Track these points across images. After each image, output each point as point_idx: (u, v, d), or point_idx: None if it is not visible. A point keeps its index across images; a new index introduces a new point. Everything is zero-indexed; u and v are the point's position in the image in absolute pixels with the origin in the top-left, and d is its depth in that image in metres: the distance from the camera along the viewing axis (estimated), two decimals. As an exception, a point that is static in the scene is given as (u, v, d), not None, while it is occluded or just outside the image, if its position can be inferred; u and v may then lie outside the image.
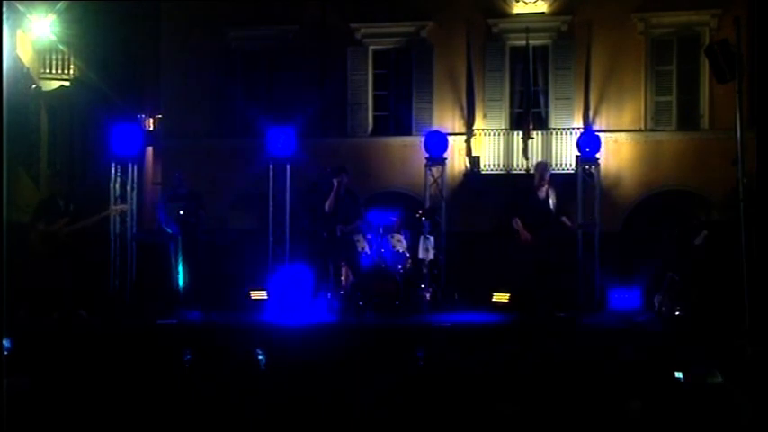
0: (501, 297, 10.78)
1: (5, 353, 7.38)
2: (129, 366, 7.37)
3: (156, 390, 6.33)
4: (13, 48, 17.78)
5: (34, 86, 19.07)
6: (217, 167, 17.50)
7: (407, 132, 18.09)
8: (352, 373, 6.53)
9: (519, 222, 10.34)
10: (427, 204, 12.70)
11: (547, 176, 10.54)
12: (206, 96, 18.54)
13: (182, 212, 10.78)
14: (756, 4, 11.88)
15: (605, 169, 15.55)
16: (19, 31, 18.15)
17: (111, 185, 12.11)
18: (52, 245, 10.29)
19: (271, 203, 12.31)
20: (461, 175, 17.72)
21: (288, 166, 12.34)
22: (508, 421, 4.43)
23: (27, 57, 18.88)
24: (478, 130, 17.82)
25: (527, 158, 17.16)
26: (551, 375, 5.30)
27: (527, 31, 17.54)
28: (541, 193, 10.44)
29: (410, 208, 12.54)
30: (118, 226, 11.93)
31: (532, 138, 17.39)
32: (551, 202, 10.38)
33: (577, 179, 12.34)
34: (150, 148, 20.09)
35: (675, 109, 17.77)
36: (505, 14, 18.02)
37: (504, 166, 17.72)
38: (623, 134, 17.62)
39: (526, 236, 10.27)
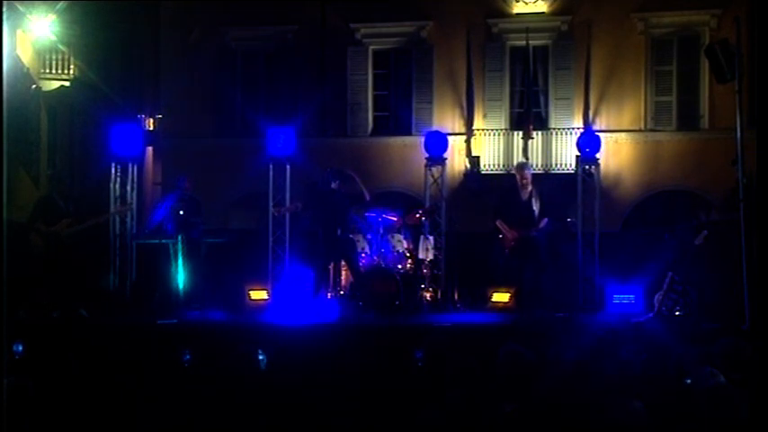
0: (501, 297, 10.77)
1: (17, 357, 7.43)
2: (129, 366, 7.37)
3: (155, 390, 6.32)
4: (13, 48, 17.78)
5: (34, 86, 19.08)
6: (217, 167, 17.52)
7: (407, 132, 18.10)
8: (352, 373, 6.52)
9: (502, 223, 10.39)
10: (427, 204, 12.69)
11: (527, 176, 10.51)
12: (206, 96, 18.55)
13: (182, 212, 10.79)
14: (756, 4, 11.87)
15: (605, 169, 15.55)
16: (19, 31, 18.16)
17: (112, 185, 12.12)
18: (53, 245, 10.29)
19: (271, 203, 12.31)
20: (461, 175, 17.73)
21: (288, 166, 12.34)
22: (509, 420, 4.43)
23: (27, 57, 18.88)
24: (478, 130, 17.83)
25: (527, 158, 17.16)
26: (552, 375, 5.31)
27: (527, 31, 17.56)
28: (524, 195, 10.44)
29: (410, 208, 12.53)
30: (118, 226, 11.93)
31: (532, 138, 17.41)
32: (534, 203, 10.36)
33: (577, 179, 12.33)
34: (150, 148, 20.07)
35: (675, 109, 17.79)
36: (505, 14, 18.04)
37: (504, 166, 17.74)
38: (623, 134, 17.63)
39: (512, 234, 10.27)
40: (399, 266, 11.31)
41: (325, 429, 5.05)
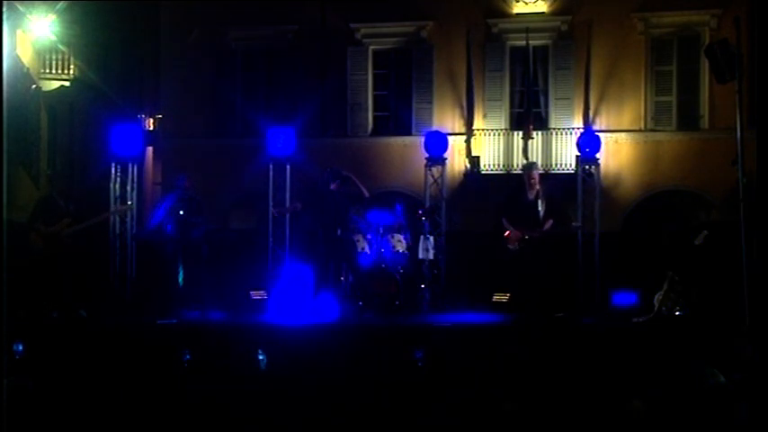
0: (501, 297, 10.77)
1: (17, 357, 7.45)
2: (129, 366, 7.37)
3: (155, 389, 6.33)
4: (13, 48, 17.80)
5: (34, 86, 19.09)
6: (217, 167, 17.51)
7: (407, 132, 18.09)
8: (352, 373, 6.53)
9: (507, 222, 10.37)
10: (427, 204, 12.70)
11: (535, 176, 10.50)
12: (206, 96, 18.53)
13: (182, 212, 10.79)
14: (756, 4, 11.86)
15: (605, 169, 15.56)
16: (19, 31, 18.18)
17: (111, 185, 12.13)
18: (53, 245, 10.29)
19: (271, 203, 12.32)
20: (461, 175, 17.72)
21: (288, 166, 12.35)
22: (509, 420, 4.44)
23: (27, 57, 18.90)
24: (478, 130, 17.82)
25: (527, 158, 17.13)
26: (552, 375, 5.32)
27: (527, 31, 17.54)
28: (531, 195, 10.43)
29: (410, 208, 12.53)
30: (118, 226, 11.95)
31: (532, 138, 17.39)
32: (540, 204, 10.34)
33: (577, 179, 12.33)
34: (150, 148, 20.12)
35: (675, 109, 17.77)
36: (505, 14, 18.02)
37: (504, 166, 17.72)
38: (623, 134, 17.62)
39: (516, 234, 10.25)
40: (399, 266, 11.31)
41: (325, 429, 5.05)
